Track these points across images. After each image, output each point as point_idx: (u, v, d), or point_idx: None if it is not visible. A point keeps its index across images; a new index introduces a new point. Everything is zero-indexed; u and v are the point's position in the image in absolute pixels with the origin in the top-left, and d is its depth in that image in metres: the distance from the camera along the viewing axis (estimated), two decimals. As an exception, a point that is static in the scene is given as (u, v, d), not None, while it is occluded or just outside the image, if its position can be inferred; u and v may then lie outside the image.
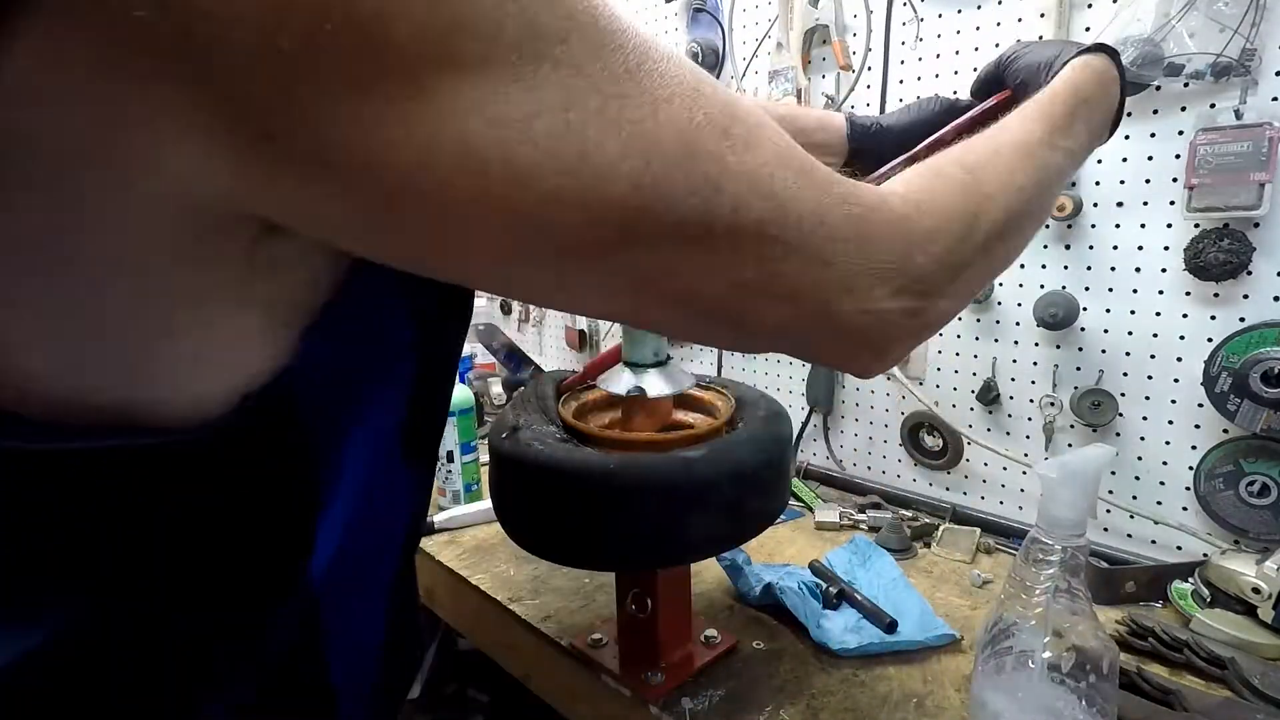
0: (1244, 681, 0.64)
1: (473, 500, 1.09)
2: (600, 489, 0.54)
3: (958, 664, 0.70)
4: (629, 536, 0.56)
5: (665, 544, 0.56)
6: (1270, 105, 0.75)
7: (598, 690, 0.70)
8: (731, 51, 1.23)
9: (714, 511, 0.56)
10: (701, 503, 0.55)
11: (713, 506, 0.56)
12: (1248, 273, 0.78)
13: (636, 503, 0.54)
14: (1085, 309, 0.91)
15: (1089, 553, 0.51)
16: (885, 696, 0.66)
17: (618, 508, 0.54)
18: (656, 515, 0.55)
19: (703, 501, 0.55)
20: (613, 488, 0.54)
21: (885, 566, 0.86)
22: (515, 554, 0.94)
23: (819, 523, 1.03)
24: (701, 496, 0.55)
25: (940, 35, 0.99)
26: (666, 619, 0.68)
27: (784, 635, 0.76)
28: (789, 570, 0.83)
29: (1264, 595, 0.70)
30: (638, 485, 0.54)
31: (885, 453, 1.15)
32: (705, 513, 0.56)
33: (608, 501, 0.54)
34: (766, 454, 0.60)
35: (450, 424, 1.07)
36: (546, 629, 0.77)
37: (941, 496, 1.08)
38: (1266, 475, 0.79)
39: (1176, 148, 0.81)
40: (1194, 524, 0.86)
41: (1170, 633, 0.70)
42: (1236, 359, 0.78)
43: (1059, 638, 0.49)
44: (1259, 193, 0.74)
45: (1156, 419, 0.88)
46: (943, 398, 1.07)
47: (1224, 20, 0.75)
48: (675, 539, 0.56)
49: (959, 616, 0.78)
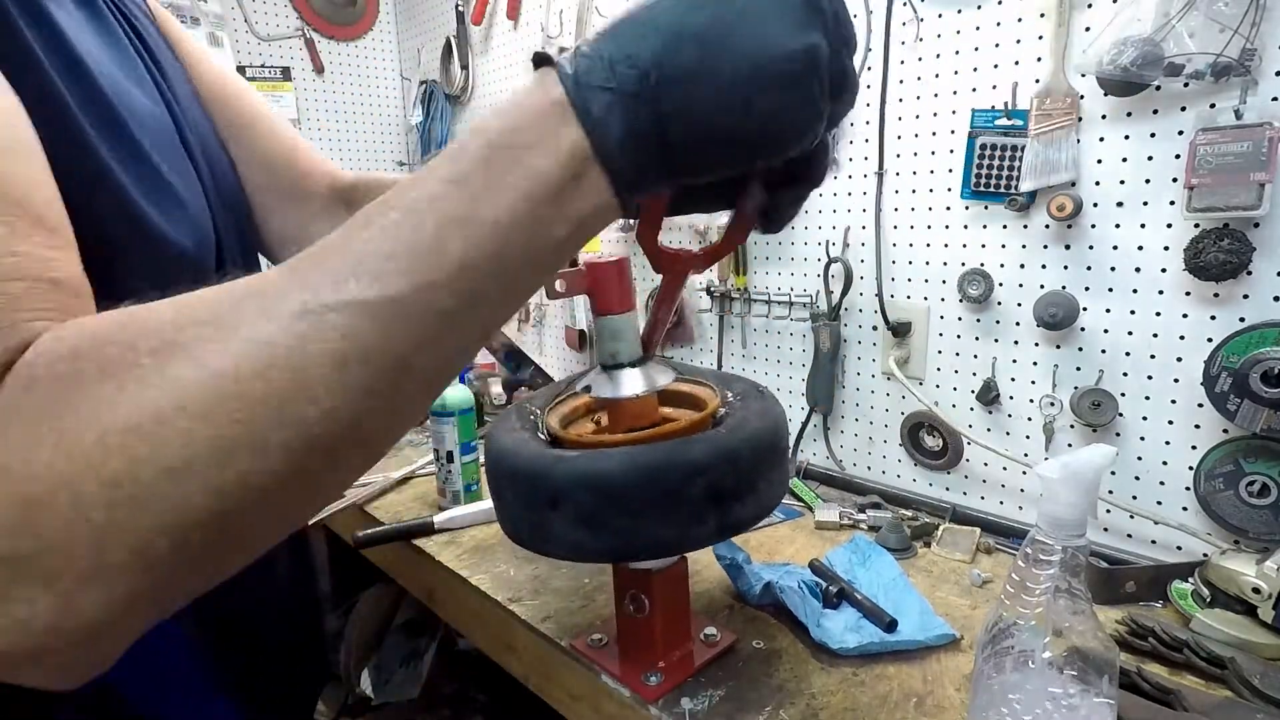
0: (1244, 681, 0.64)
1: (472, 500, 1.09)
2: (543, 482, 0.56)
3: (958, 664, 0.70)
4: (571, 529, 0.56)
5: (608, 537, 0.56)
6: (1270, 105, 0.75)
7: (597, 690, 0.70)
8: (731, 51, 1.23)
9: (626, 514, 0.55)
10: (623, 503, 0.55)
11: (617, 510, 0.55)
12: (1248, 273, 0.78)
13: (573, 497, 0.55)
14: (1085, 309, 0.91)
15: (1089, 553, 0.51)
16: (885, 696, 0.66)
17: (555, 503, 0.56)
18: (591, 510, 0.55)
19: (623, 502, 0.55)
20: (554, 480, 0.56)
21: (885, 566, 0.86)
22: (515, 554, 0.94)
23: (819, 522, 1.03)
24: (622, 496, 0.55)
25: (940, 35, 0.99)
26: (664, 619, 0.68)
27: (784, 635, 0.76)
28: (789, 569, 0.83)
29: (1264, 595, 0.70)
30: (573, 481, 0.55)
31: (885, 452, 1.15)
32: (620, 514, 0.55)
33: (546, 493, 0.56)
34: (644, 470, 0.55)
35: (450, 424, 1.07)
36: (546, 629, 0.77)
37: (941, 496, 1.08)
38: (1266, 475, 0.79)
39: (1176, 148, 0.81)
40: (1194, 524, 0.86)
41: (1170, 633, 0.70)
42: (1236, 359, 0.77)
43: (1059, 638, 0.49)
44: (1259, 193, 0.74)
45: (1156, 419, 0.88)
46: (943, 398, 1.07)
47: (1224, 20, 0.75)
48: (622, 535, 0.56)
49: (959, 616, 0.78)
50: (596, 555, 0.58)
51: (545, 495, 0.56)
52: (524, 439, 0.61)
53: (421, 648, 1.47)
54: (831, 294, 1.16)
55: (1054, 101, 0.88)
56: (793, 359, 1.25)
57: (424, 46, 1.99)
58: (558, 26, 1.56)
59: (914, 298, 1.08)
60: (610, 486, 0.54)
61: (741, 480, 0.56)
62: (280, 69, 1.88)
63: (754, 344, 1.31)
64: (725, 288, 1.31)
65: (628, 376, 0.59)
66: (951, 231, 1.02)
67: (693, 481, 0.54)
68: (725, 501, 0.56)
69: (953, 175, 1.00)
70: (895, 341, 1.09)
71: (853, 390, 1.18)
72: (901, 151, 1.06)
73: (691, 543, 0.58)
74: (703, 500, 0.55)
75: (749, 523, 0.59)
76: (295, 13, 1.91)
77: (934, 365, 1.07)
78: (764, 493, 0.59)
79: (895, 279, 1.09)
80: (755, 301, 1.29)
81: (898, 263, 1.09)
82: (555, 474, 0.55)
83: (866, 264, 1.11)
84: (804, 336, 1.22)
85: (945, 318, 1.05)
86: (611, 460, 0.54)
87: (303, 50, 1.93)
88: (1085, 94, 0.87)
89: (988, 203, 0.97)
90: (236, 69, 1.75)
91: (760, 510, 0.59)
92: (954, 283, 1.02)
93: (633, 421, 0.63)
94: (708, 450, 0.55)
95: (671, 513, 0.55)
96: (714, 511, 0.56)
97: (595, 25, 1.47)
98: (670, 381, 0.60)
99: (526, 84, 0.32)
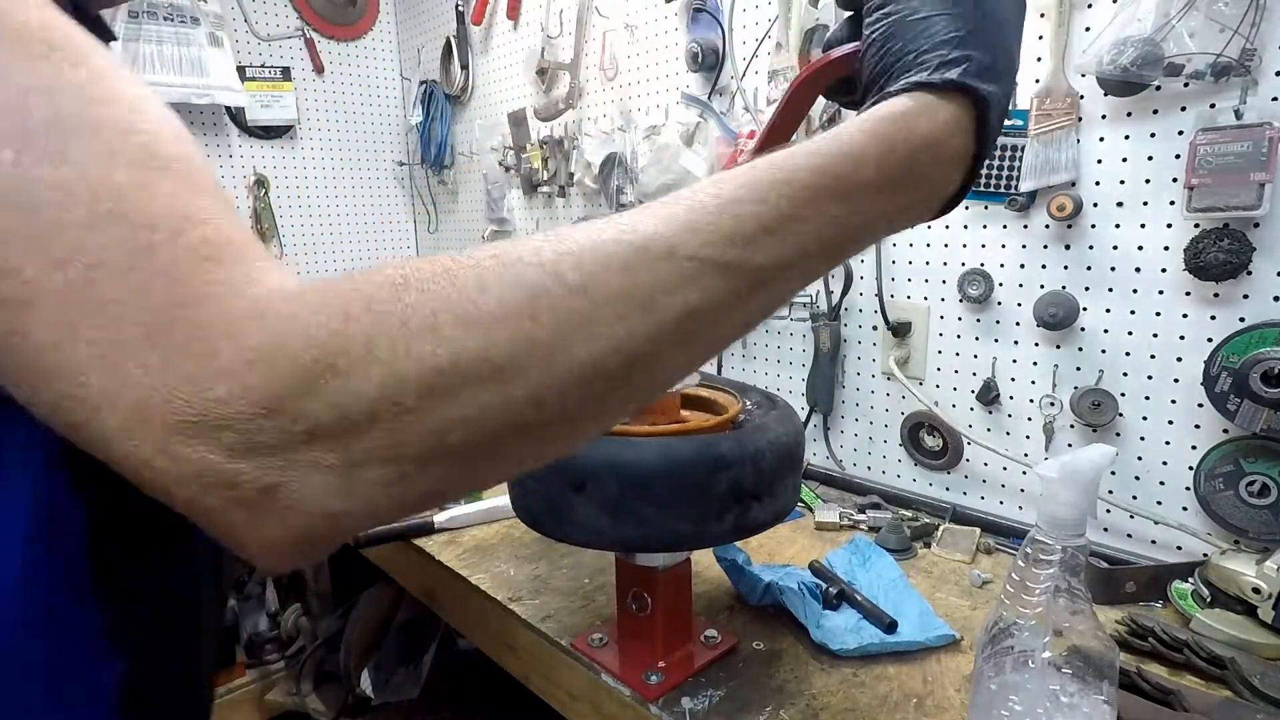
0: (1244, 681, 0.64)
1: (473, 500, 1.09)
2: (571, 465, 0.57)
3: (958, 664, 0.70)
4: (591, 514, 0.57)
5: (624, 522, 0.57)
6: (1270, 105, 0.75)
7: (598, 690, 0.70)
8: (731, 51, 1.23)
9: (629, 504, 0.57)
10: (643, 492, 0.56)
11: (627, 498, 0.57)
12: (1248, 273, 0.78)
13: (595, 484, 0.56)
14: (1085, 309, 0.91)
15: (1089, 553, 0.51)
16: (885, 696, 0.66)
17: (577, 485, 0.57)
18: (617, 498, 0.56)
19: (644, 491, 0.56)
20: None
21: (885, 567, 0.86)
22: (515, 554, 0.94)
23: (819, 523, 1.03)
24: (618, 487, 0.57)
25: (940, 35, 0.99)
26: (666, 619, 0.68)
27: (784, 635, 0.76)
28: (789, 570, 0.83)
29: (1264, 595, 0.70)
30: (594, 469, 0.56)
31: (885, 453, 1.15)
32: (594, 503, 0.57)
33: (573, 476, 0.57)
34: (674, 461, 0.56)
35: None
36: (546, 629, 0.77)
37: (941, 496, 1.08)
38: (1266, 475, 0.79)
39: (1176, 148, 0.81)
40: (1194, 524, 0.86)
41: (1170, 633, 0.70)
42: (1236, 359, 0.77)
43: (1059, 638, 0.49)
44: (1259, 193, 0.74)
45: (1156, 419, 0.88)
46: (943, 398, 1.07)
47: (1224, 20, 0.75)
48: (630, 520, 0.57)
49: (959, 616, 0.78)
50: (612, 543, 0.60)
51: (572, 478, 0.57)
52: None
53: (421, 648, 1.47)
54: (831, 294, 1.16)
55: (1054, 101, 0.88)
56: (793, 359, 1.25)
57: (424, 46, 1.99)
58: (558, 26, 1.56)
59: (914, 298, 1.08)
60: (639, 474, 0.55)
61: (762, 481, 0.58)
62: (280, 69, 1.88)
63: (754, 344, 1.31)
64: (725, 288, 1.31)
65: None
66: (951, 231, 1.02)
67: (718, 477, 0.55)
68: (745, 500, 0.57)
69: (953, 175, 1.00)
70: (895, 341, 1.09)
71: (853, 390, 1.18)
72: (901, 151, 1.05)
73: (708, 539, 0.59)
74: (725, 497, 0.56)
75: (765, 524, 0.60)
76: (295, 13, 1.91)
77: (934, 365, 1.07)
78: (781, 496, 0.60)
79: (895, 279, 1.09)
80: (755, 301, 1.29)
81: (898, 262, 1.09)
82: (585, 457, 0.56)
83: (866, 264, 1.11)
84: (804, 336, 1.22)
85: (945, 318, 1.05)
86: (643, 449, 0.55)
87: (303, 50, 1.93)
88: (1085, 94, 0.87)
89: (988, 203, 0.97)
90: (236, 69, 1.76)
91: (777, 513, 0.61)
92: (954, 283, 1.02)
93: (654, 418, 0.64)
94: (734, 448, 0.56)
95: (694, 506, 0.56)
96: (734, 509, 0.57)
97: (595, 25, 1.47)
98: (695, 382, 0.63)
99: (932, 101, 0.33)
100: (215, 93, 1.70)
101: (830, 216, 0.31)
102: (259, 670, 1.69)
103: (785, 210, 0.29)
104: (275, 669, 1.70)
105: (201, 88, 1.67)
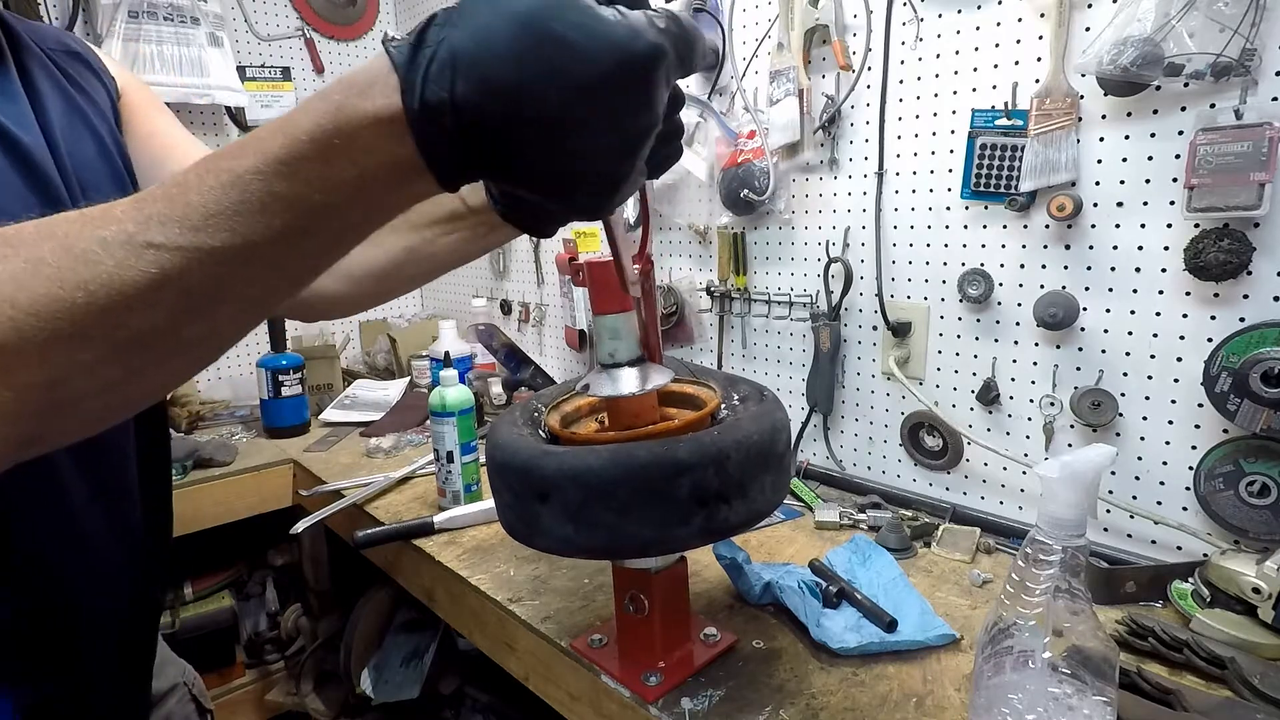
0: (1244, 681, 0.64)
1: (472, 500, 1.09)
2: (534, 475, 0.57)
3: (958, 664, 0.70)
4: (559, 524, 0.57)
5: (588, 531, 0.56)
6: (1270, 105, 0.75)
7: (597, 690, 0.70)
8: (732, 51, 1.23)
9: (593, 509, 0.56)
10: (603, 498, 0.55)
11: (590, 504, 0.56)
12: (1248, 273, 0.78)
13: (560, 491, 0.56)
14: (1085, 309, 0.91)
15: (1089, 553, 0.51)
16: (885, 696, 0.66)
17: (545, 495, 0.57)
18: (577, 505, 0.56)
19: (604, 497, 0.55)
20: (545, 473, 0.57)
21: (885, 566, 0.86)
22: (515, 554, 0.94)
23: (819, 522, 1.03)
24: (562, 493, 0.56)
25: (940, 35, 0.99)
26: (664, 619, 0.68)
27: (784, 634, 0.76)
28: (789, 569, 0.83)
29: (1264, 595, 0.70)
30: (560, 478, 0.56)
31: (885, 453, 1.15)
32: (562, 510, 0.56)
33: (536, 487, 0.57)
34: (627, 467, 0.55)
35: (450, 424, 1.07)
36: (546, 629, 0.78)
37: (941, 496, 1.08)
38: (1266, 475, 0.79)
39: (1176, 148, 0.81)
40: (1194, 524, 0.86)
41: (1170, 633, 0.70)
42: (1236, 359, 0.77)
43: (1059, 638, 0.49)
44: (1259, 193, 0.74)
45: (1156, 419, 0.88)
46: (942, 397, 1.07)
47: (1224, 20, 0.75)
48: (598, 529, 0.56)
49: (959, 616, 0.78)
50: (584, 550, 0.58)
51: (535, 488, 0.57)
52: (523, 435, 0.62)
53: (421, 648, 1.47)
54: (831, 294, 1.16)
55: (1054, 101, 0.88)
56: (793, 359, 1.25)
57: (424, 46, 1.99)
58: (558, 26, 1.55)
59: (914, 298, 1.08)
60: (595, 482, 0.54)
61: (729, 483, 0.55)
62: (280, 69, 1.88)
63: (754, 344, 1.31)
64: (725, 288, 1.31)
65: (625, 375, 0.59)
66: (951, 231, 1.02)
67: (677, 481, 0.54)
68: (711, 503, 0.55)
69: (953, 175, 1.00)
70: (895, 341, 1.09)
71: (853, 390, 1.18)
72: (901, 151, 1.06)
73: (675, 543, 0.57)
74: (688, 500, 0.54)
75: (738, 527, 0.58)
76: (295, 13, 1.91)
77: (934, 365, 1.07)
78: (755, 497, 0.58)
79: (895, 279, 1.09)
80: (755, 301, 1.29)
81: (898, 263, 1.09)
82: (544, 467, 0.56)
83: (866, 264, 1.11)
84: (804, 336, 1.22)
85: (945, 318, 1.05)
86: (597, 456, 0.54)
87: (303, 50, 1.93)
88: (1085, 94, 0.87)
89: (988, 203, 0.97)
90: (236, 69, 1.76)
91: (750, 515, 0.58)
92: (954, 283, 1.02)
93: (631, 420, 0.63)
94: (693, 450, 0.54)
95: (655, 511, 0.54)
96: (700, 513, 0.55)
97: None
98: (668, 381, 0.59)
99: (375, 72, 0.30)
100: (215, 93, 1.70)
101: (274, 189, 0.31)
102: (259, 670, 1.69)
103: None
104: (275, 669, 1.70)
105: (201, 88, 1.67)
